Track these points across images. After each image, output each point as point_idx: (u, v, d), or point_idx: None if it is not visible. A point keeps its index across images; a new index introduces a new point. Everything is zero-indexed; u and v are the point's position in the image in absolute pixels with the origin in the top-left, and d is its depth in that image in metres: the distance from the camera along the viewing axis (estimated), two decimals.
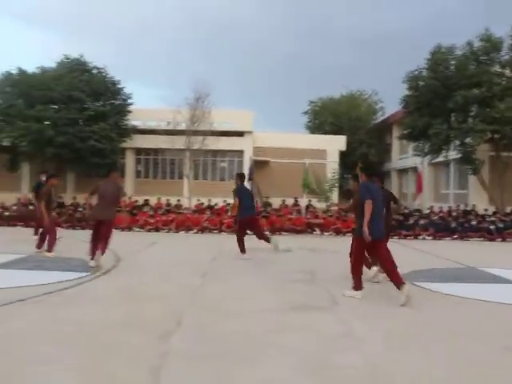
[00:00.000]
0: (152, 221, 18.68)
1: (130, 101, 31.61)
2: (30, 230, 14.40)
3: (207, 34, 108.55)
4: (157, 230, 18.22)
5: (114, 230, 10.12)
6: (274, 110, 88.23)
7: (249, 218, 11.63)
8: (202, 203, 23.89)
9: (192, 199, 26.06)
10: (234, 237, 11.48)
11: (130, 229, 18.11)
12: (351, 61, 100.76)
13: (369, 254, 8.00)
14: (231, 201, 23.99)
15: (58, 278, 8.05)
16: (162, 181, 33.68)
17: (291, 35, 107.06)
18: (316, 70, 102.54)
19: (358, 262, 7.51)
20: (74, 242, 13.33)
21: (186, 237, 16.77)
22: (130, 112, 31.20)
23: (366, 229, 6.99)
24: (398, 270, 7.32)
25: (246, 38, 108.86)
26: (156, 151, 33.24)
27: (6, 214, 19.93)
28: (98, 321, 5.65)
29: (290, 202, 24.81)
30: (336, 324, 5.86)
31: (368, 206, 7.09)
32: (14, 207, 20.58)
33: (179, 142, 27.63)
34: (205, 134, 27.76)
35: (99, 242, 9.63)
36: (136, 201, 24.08)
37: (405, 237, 18.21)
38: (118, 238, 13.21)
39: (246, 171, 28.81)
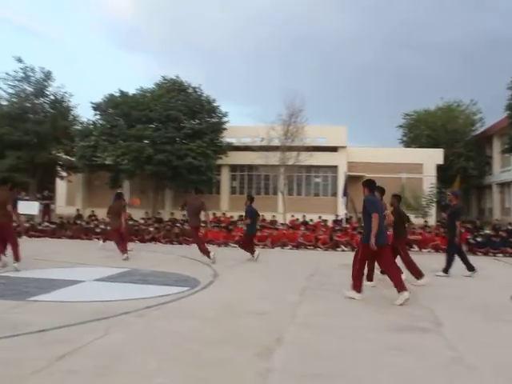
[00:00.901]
0: None
1: (225, 119, 32.23)
2: (132, 245, 14.90)
3: (296, 51, 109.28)
4: None
5: (210, 245, 10.96)
6: (366, 125, 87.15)
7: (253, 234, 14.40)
8: (297, 219, 23.84)
9: (286, 215, 26.10)
10: (330, 253, 11.34)
11: (226, 244, 18.35)
12: (448, 71, 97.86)
13: (377, 259, 8.65)
14: (326, 217, 23.94)
15: (159, 292, 8.24)
16: (257, 196, 33.69)
17: (383, 47, 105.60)
18: (409, 81, 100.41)
19: (361, 265, 8.34)
20: (172, 257, 13.65)
21: (282, 253, 16.75)
22: (225, 129, 31.79)
23: (373, 240, 7.90)
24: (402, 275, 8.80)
25: (335, 53, 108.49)
26: (250, 167, 33.62)
27: (109, 228, 20.74)
28: (197, 336, 5.70)
29: None
30: (443, 348, 5.55)
31: (375, 219, 8.00)
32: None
33: (273, 158, 27.81)
34: (298, 149, 27.78)
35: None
36: (231, 216, 24.40)
37: (510, 255, 17.25)
38: (217, 252, 13.43)
39: (340, 186, 28.61)
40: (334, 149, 32.91)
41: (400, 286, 8.04)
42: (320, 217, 23.56)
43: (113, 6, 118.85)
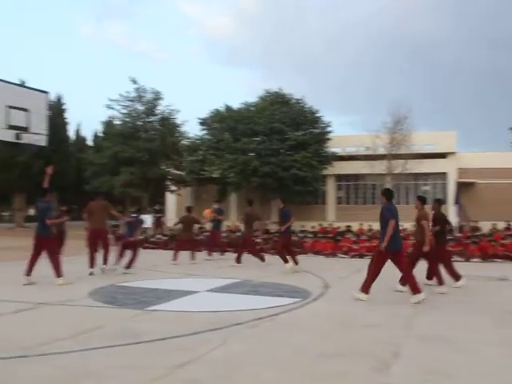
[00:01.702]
0: (356, 247, 18.53)
1: (328, 129, 32.14)
2: (242, 256, 15.07)
3: (397, 57, 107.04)
4: (361, 256, 17.99)
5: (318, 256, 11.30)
6: (474, 129, 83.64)
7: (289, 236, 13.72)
8: (405, 229, 23.14)
9: None
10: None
11: (333, 255, 18.16)
12: None
13: (395, 264, 9.03)
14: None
15: (271, 303, 8.26)
16: (363, 206, 33.46)
17: (488, 48, 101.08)
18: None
19: (376, 270, 8.86)
20: (281, 268, 13.68)
21: (391, 263, 16.31)
22: (329, 139, 31.67)
23: (385, 243, 8.53)
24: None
25: (439, 57, 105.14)
26: (356, 177, 33.22)
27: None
28: (311, 348, 5.65)
29: (500, 225, 23.01)
30: None
31: (391, 225, 8.52)
32: (224, 234, 21.76)
33: (379, 167, 27.33)
34: (405, 157, 27.13)
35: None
36: (338, 227, 24.17)
37: None
38: (323, 264, 13.33)
39: (450, 194, 27.56)
40: (442, 155, 31.83)
41: (415, 289, 8.59)
42: (429, 226, 22.74)
43: (214, 25, 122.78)
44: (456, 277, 10.34)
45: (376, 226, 23.62)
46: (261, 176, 28.74)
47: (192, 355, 5.21)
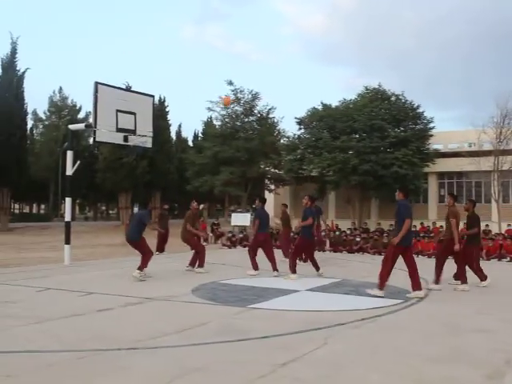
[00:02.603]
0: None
1: (431, 125, 31.24)
2: (340, 255, 15.00)
3: (500, 45, 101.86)
4: None
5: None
6: None
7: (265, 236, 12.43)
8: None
9: (501, 224, 24.34)
10: None
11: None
12: None
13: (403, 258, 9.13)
14: None
15: (373, 304, 8.15)
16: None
17: None
18: None
19: (389, 264, 8.94)
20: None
21: (500, 265, 15.61)
22: (431, 136, 30.77)
23: (398, 240, 8.67)
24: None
25: None
26: (459, 174, 32.01)
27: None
28: (417, 351, 5.50)
29: None
30: None
31: (407, 224, 8.66)
32: (322, 233, 21.66)
33: (485, 164, 26.18)
34: None
35: None
36: (441, 226, 23.39)
37: None
38: (425, 264, 12.93)
39: None
40: None
41: (417, 286, 8.91)
42: None
43: (309, 23, 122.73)
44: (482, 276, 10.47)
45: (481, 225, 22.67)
46: (360, 174, 28.33)
47: (295, 354, 5.24)
